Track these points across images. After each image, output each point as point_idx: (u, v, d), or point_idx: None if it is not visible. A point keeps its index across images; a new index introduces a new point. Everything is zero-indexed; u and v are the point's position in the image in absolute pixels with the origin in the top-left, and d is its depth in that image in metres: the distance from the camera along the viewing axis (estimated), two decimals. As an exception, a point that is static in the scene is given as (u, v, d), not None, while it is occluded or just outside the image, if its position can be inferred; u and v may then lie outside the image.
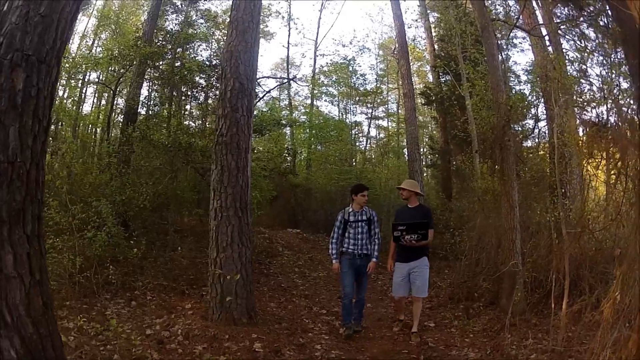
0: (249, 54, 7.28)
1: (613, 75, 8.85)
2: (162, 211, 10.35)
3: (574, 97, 7.75)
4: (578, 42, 10.72)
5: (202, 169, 11.56)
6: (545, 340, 5.83)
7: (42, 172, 2.68)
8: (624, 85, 8.21)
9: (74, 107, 18.88)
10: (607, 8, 6.90)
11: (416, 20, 22.52)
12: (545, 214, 8.23)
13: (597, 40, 10.29)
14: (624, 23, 5.14)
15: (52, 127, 16.69)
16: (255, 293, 7.33)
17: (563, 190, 8.62)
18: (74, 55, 18.92)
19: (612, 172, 5.49)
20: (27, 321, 2.44)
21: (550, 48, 11.71)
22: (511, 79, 19.10)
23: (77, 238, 7.36)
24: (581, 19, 10.76)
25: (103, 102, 20.89)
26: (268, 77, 23.35)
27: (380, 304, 9.05)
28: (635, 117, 4.85)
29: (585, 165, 6.78)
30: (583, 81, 8.06)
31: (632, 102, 5.18)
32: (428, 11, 21.72)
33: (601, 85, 8.12)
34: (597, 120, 5.92)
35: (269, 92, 19.33)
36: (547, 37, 11.73)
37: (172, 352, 5.34)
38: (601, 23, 9.51)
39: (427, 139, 26.76)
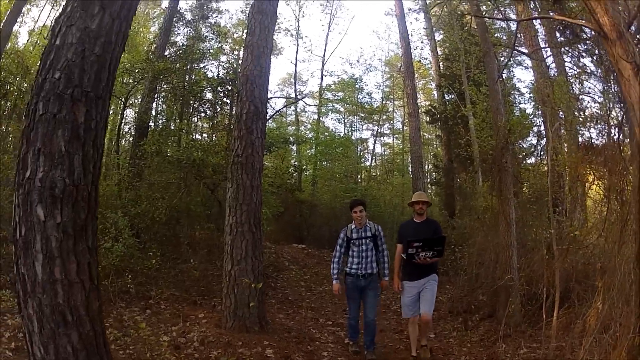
0: (264, 78, 7.79)
1: (608, 101, 9.25)
2: (174, 224, 10.75)
3: (570, 120, 8.13)
4: (575, 67, 11.10)
5: (213, 185, 12.04)
6: (538, 349, 6.23)
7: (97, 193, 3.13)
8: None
9: None
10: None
11: (422, 41, 22.87)
12: (540, 232, 8.58)
13: (593, 66, 10.65)
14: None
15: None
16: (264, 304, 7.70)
17: (560, 208, 9.02)
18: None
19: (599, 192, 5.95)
20: (86, 320, 2.87)
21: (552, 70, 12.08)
22: (516, 95, 19.53)
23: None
24: (579, 44, 11.12)
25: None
26: (278, 97, 23.72)
27: (383, 317, 9.33)
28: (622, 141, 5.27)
29: (574, 185, 7.21)
30: (579, 104, 8.41)
31: (621, 126, 5.48)
32: (434, 29, 21.88)
33: (593, 111, 8.48)
34: (588, 143, 6.32)
35: (278, 111, 19.73)
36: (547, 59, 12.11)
37: (189, 356, 5.73)
38: (596, 51, 9.88)
39: (431, 156, 27.16)
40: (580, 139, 7.87)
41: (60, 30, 2.97)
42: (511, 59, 16.52)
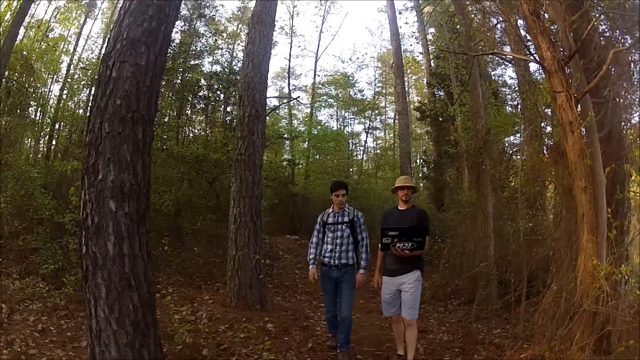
0: (263, 84, 8.63)
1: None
2: (177, 216, 11.49)
3: (541, 125, 8.91)
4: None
5: (212, 179, 12.82)
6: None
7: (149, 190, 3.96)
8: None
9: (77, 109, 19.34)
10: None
11: (415, 38, 23.44)
12: (514, 225, 9.37)
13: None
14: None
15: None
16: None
17: (538, 204, 9.81)
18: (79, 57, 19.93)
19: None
20: (144, 284, 3.70)
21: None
22: (506, 92, 20.04)
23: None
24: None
25: None
26: (275, 97, 24.29)
27: (371, 301, 9.97)
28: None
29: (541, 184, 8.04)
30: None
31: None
32: (426, 27, 22.44)
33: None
34: (554, 147, 7.12)
35: (274, 109, 20.27)
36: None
37: (200, 331, 6.46)
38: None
39: (422, 152, 27.85)
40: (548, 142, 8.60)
41: (115, 65, 3.76)
42: (498, 60, 17.10)
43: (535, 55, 5.47)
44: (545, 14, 5.30)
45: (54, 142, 18.03)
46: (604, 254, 4.72)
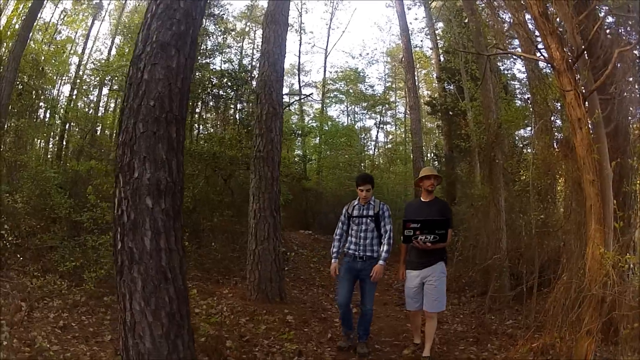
0: (280, 82, 8.84)
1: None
2: (193, 212, 11.70)
3: (551, 119, 9.07)
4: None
5: (227, 175, 13.05)
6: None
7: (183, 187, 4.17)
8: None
9: (88, 110, 19.88)
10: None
11: (425, 33, 23.22)
12: (526, 217, 9.52)
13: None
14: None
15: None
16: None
17: (549, 197, 9.96)
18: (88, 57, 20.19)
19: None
20: (179, 277, 3.92)
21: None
22: (516, 85, 20.04)
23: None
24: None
25: (112, 104, 21.64)
26: (288, 94, 24.40)
27: (386, 293, 10.30)
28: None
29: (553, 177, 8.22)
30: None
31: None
32: (435, 21, 22.33)
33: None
34: (564, 141, 7.30)
35: (287, 106, 20.35)
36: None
37: (221, 323, 6.69)
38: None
39: (433, 146, 27.90)
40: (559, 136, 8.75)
41: (146, 67, 3.94)
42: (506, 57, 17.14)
43: (544, 54, 5.68)
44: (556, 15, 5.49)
45: (64, 143, 18.39)
46: (611, 243, 4.93)
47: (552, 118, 8.94)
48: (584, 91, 5.18)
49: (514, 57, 14.24)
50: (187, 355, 3.87)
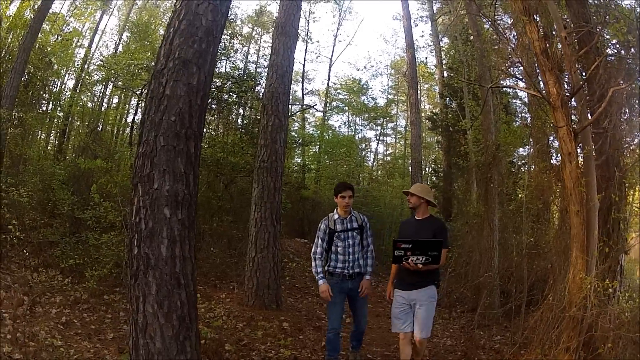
0: (287, 95, 9.09)
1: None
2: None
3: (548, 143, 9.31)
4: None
5: (228, 181, 13.28)
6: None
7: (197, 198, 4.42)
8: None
9: (94, 106, 19.68)
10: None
11: (429, 47, 23.46)
12: (517, 237, 9.74)
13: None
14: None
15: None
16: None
17: (542, 218, 10.18)
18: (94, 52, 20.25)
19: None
20: (191, 282, 4.16)
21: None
22: (517, 104, 20.18)
23: (125, 234, 7.76)
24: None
25: (115, 100, 21.63)
26: (292, 105, 24.54)
27: (379, 305, 10.44)
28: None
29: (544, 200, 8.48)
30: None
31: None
32: (440, 37, 22.63)
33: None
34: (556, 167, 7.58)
35: (291, 116, 20.45)
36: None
37: (219, 327, 6.93)
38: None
39: (431, 160, 28.10)
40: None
41: (168, 82, 4.16)
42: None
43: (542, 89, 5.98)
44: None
45: (65, 136, 18.35)
46: (594, 269, 5.23)
47: (549, 142, 9.16)
48: (576, 127, 5.51)
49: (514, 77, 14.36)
50: (194, 356, 4.10)
